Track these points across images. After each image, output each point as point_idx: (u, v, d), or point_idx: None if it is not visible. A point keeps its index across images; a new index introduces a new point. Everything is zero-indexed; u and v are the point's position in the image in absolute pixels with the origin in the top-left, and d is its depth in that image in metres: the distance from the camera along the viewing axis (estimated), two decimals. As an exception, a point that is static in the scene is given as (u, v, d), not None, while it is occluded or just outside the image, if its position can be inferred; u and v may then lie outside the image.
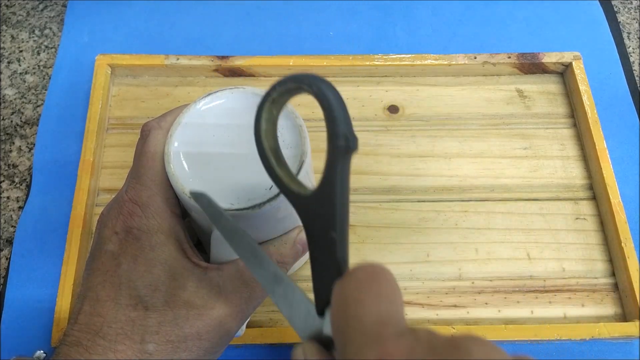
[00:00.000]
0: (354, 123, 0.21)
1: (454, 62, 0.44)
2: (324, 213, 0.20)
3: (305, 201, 0.21)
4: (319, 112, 0.43)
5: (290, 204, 0.21)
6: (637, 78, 0.47)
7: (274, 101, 0.22)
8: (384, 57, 0.44)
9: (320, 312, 0.21)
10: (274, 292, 0.22)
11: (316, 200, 0.20)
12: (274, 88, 0.21)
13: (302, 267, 0.38)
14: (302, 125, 0.28)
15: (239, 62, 0.43)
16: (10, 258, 0.38)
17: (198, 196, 0.25)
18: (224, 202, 0.26)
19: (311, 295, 0.21)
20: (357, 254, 0.39)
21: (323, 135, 0.19)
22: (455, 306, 0.37)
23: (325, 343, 0.20)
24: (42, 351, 0.35)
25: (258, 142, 0.22)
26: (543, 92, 0.45)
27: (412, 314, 0.37)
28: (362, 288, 0.18)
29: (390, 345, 0.16)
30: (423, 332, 0.16)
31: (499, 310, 0.37)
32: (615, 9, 0.50)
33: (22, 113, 0.45)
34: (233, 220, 0.24)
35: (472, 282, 0.38)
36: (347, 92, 0.44)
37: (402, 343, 0.16)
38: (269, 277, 0.22)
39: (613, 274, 0.38)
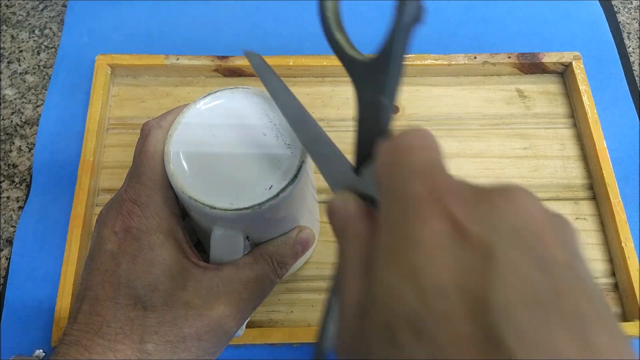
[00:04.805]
0: (353, 122, 0.21)
1: (454, 62, 0.44)
2: (377, 79, 0.20)
3: (360, 66, 0.21)
4: (318, 112, 0.43)
5: (345, 68, 0.22)
6: (637, 78, 0.47)
7: None
8: (384, 57, 0.44)
9: (358, 170, 0.21)
10: (313, 150, 0.23)
11: (371, 66, 0.21)
12: None
13: (302, 268, 0.38)
14: (301, 125, 0.28)
15: (239, 62, 0.43)
16: (10, 258, 0.38)
17: (251, 55, 0.26)
18: (224, 202, 0.26)
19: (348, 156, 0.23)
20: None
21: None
22: (455, 306, 0.37)
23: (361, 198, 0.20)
24: (41, 350, 0.35)
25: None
26: (543, 92, 0.45)
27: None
28: (412, 139, 0.18)
29: (439, 179, 0.16)
30: (469, 181, 0.17)
31: (499, 311, 0.37)
32: (615, 9, 0.50)
33: (22, 113, 0.45)
34: (283, 83, 0.25)
35: (472, 282, 0.38)
36: (347, 92, 0.44)
37: (450, 178, 0.17)
38: (310, 137, 0.23)
39: (613, 274, 0.38)
